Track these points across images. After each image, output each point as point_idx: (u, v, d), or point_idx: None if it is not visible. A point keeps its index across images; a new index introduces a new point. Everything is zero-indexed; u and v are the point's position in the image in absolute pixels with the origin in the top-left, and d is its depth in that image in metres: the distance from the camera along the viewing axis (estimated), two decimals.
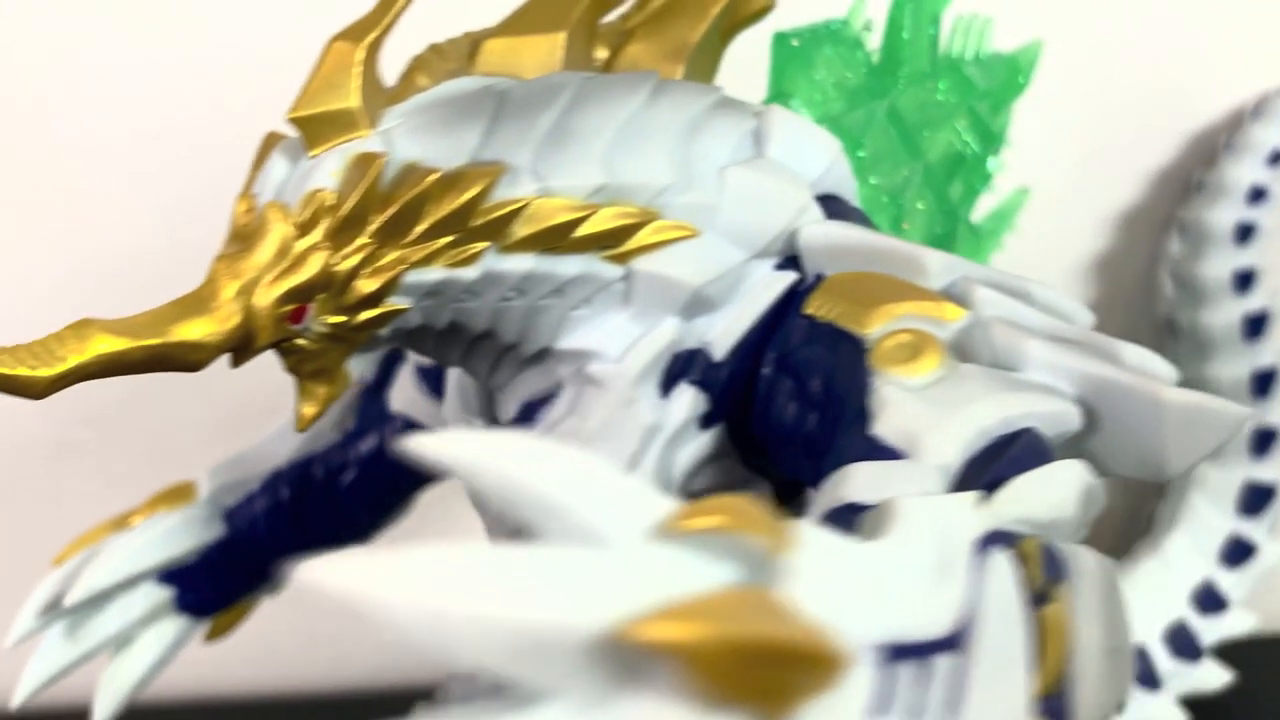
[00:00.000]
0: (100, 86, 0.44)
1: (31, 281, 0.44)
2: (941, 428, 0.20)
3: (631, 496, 0.13)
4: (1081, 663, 0.17)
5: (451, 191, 0.20)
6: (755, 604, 0.12)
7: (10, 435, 0.43)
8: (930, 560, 0.15)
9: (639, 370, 0.23)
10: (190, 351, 0.19)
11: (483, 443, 0.12)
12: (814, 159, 0.25)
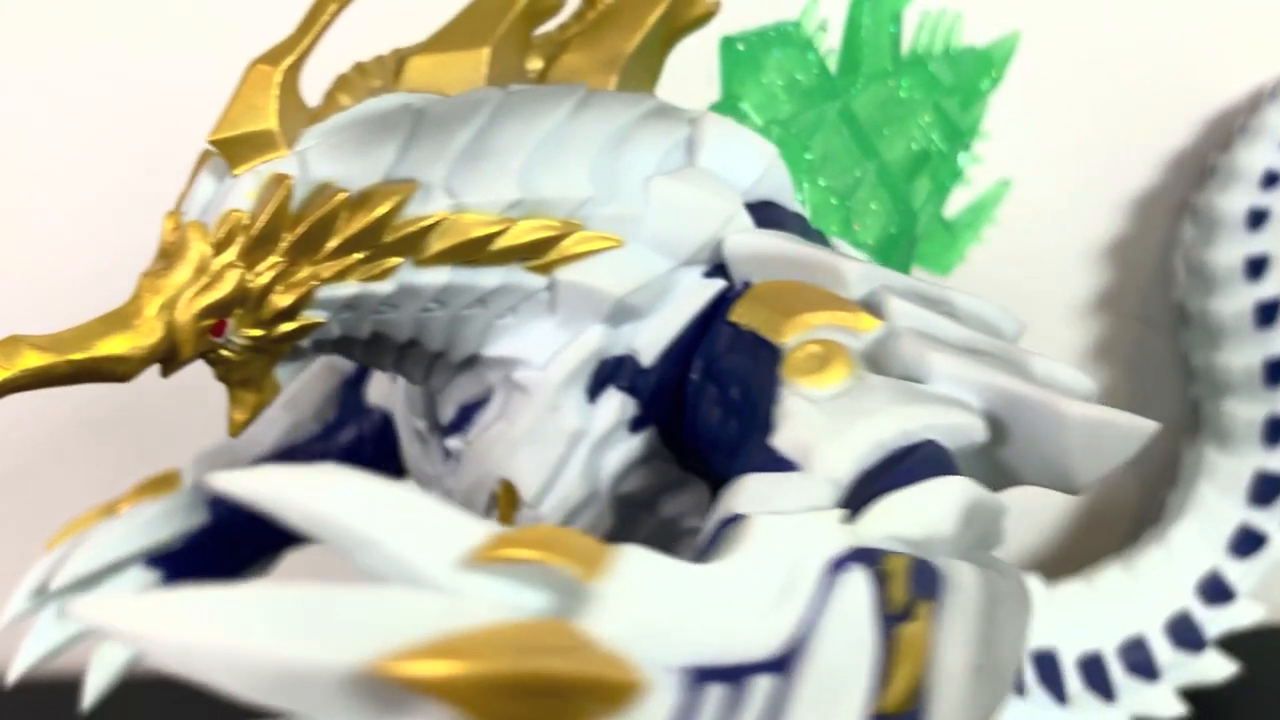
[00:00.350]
0: (44, 105, 0.45)
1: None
2: (837, 440, 0.20)
3: (442, 527, 0.13)
4: (942, 681, 0.17)
5: (361, 210, 0.21)
6: (538, 636, 0.13)
7: (7, 440, 0.45)
8: (770, 580, 0.16)
9: (563, 377, 0.24)
10: (116, 364, 0.20)
11: (289, 478, 0.13)
12: (747, 166, 0.25)
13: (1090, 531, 0.56)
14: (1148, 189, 0.52)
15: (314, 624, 0.11)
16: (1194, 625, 0.47)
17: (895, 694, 0.16)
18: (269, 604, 0.11)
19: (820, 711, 0.15)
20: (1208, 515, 0.49)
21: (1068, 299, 0.53)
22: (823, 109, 0.28)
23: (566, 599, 0.14)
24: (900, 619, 0.17)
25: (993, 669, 0.18)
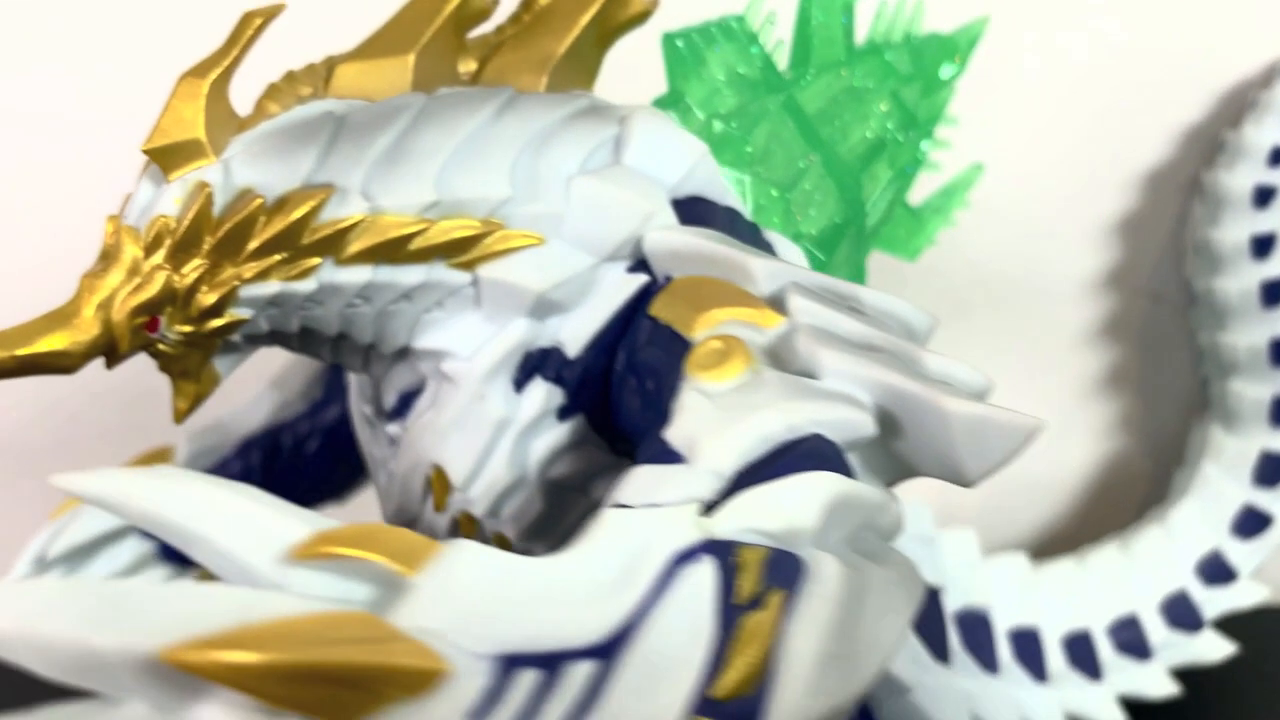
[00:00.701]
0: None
1: None
2: (722, 434, 0.21)
3: (267, 525, 0.15)
4: (786, 668, 0.18)
5: (279, 214, 0.22)
6: (341, 628, 0.14)
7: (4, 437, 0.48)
8: (607, 572, 0.17)
9: (488, 368, 0.25)
10: (57, 359, 0.22)
11: (127, 481, 0.14)
12: (674, 163, 0.26)
13: (1101, 510, 0.56)
14: (1159, 165, 0.51)
15: (118, 614, 0.13)
16: (1191, 605, 0.47)
17: (731, 680, 0.17)
18: (77, 595, 0.13)
19: (639, 696, 0.16)
20: (1211, 495, 0.49)
21: (1078, 276, 0.53)
22: (765, 102, 0.29)
23: (386, 592, 0.15)
24: (748, 608, 0.18)
25: (848, 657, 0.19)
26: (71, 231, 0.29)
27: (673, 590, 0.17)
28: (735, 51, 0.29)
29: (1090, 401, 0.55)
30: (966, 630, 0.38)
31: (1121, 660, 0.45)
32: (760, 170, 0.29)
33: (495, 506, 0.26)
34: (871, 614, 0.20)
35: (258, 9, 0.23)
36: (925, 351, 0.23)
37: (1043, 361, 0.54)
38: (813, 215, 0.30)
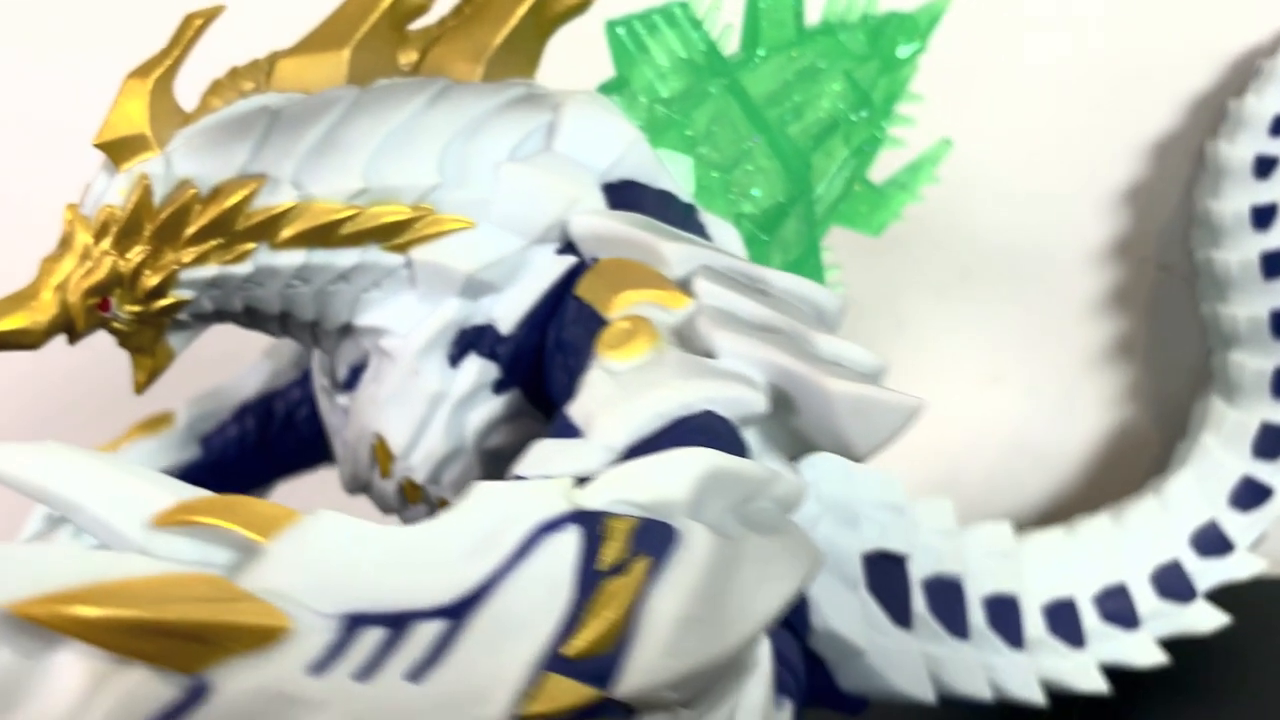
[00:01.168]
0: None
1: None
2: (617, 410, 0.22)
3: (136, 495, 0.17)
4: (644, 628, 0.19)
5: (214, 202, 0.24)
6: (190, 588, 0.16)
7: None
8: (465, 540, 0.18)
9: (422, 344, 0.27)
10: (20, 337, 0.24)
11: (12, 455, 0.16)
12: (606, 149, 0.27)
13: (1109, 480, 0.56)
14: (1168, 133, 0.50)
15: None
16: (1184, 576, 0.47)
17: (585, 639, 0.18)
18: None
19: (487, 653, 0.18)
20: (1209, 467, 0.49)
21: (1084, 245, 0.53)
22: (708, 85, 0.30)
23: (243, 557, 0.17)
24: (610, 574, 0.19)
25: (713, 622, 0.20)
26: None
27: (533, 557, 0.19)
28: (678, 37, 0.30)
29: (1098, 371, 0.55)
30: (935, 596, 0.39)
31: (1107, 628, 0.45)
32: (703, 152, 0.30)
33: (435, 474, 0.28)
34: (745, 582, 0.21)
35: (199, 10, 0.25)
36: (819, 333, 0.24)
37: (1050, 331, 0.54)
38: (756, 196, 0.31)
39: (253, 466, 0.38)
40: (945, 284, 0.54)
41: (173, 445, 0.38)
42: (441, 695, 0.17)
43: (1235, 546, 0.48)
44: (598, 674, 0.19)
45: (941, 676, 0.38)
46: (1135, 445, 0.56)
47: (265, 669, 0.16)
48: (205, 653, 0.15)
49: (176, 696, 0.15)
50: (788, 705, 0.32)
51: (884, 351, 0.56)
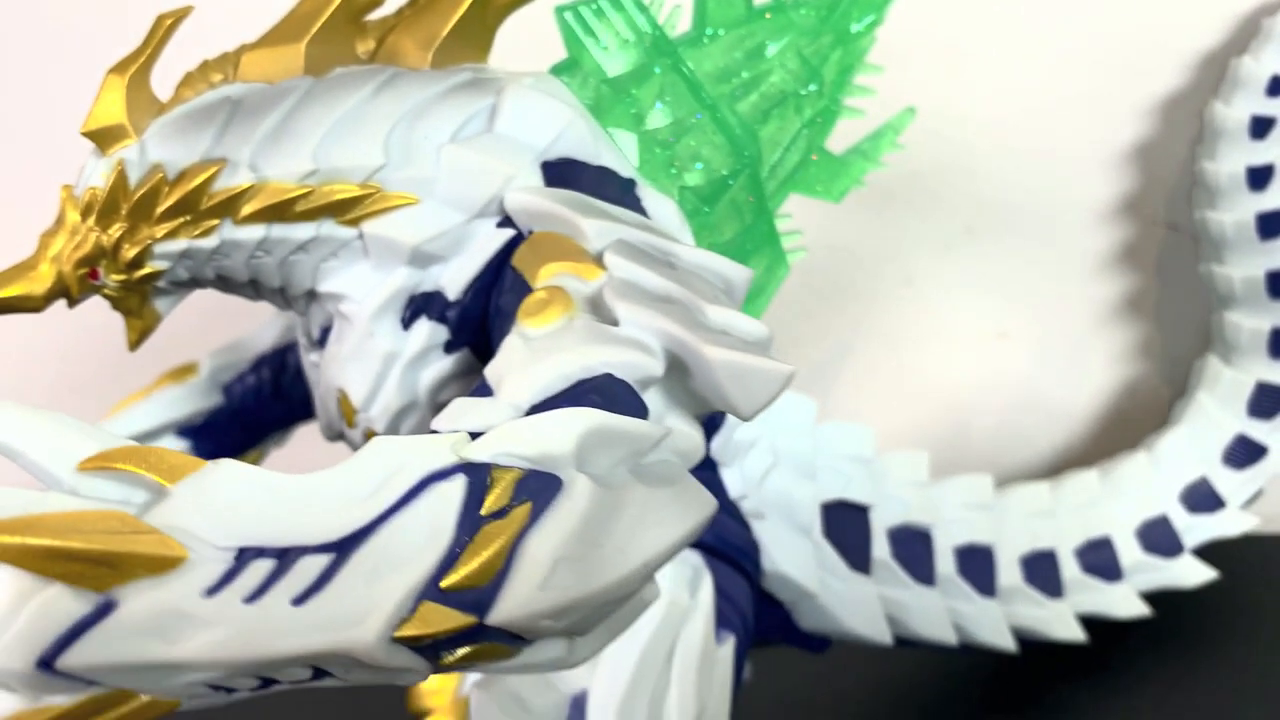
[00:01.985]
0: None
1: None
2: (524, 371, 0.25)
3: (67, 443, 0.20)
4: (520, 566, 0.22)
5: (180, 184, 0.27)
6: (101, 522, 0.19)
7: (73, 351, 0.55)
8: (356, 486, 0.21)
9: (375, 309, 0.30)
10: (24, 302, 0.28)
11: None
12: (543, 129, 0.30)
13: (1117, 434, 0.57)
14: (1175, 93, 0.50)
15: None
16: (1172, 531, 0.48)
17: (462, 574, 0.21)
18: None
19: (366, 583, 0.20)
20: (1203, 425, 0.49)
21: (1091, 204, 0.53)
22: (651, 65, 0.32)
23: (154, 497, 0.20)
24: (491, 518, 0.22)
25: (589, 561, 0.23)
26: None
27: (419, 501, 0.22)
28: (625, 20, 0.32)
29: (1106, 328, 0.56)
30: (901, 544, 0.41)
31: (1088, 580, 0.46)
32: (647, 129, 0.32)
33: (393, 425, 0.31)
34: (624, 527, 0.23)
35: (169, 11, 0.28)
36: (713, 305, 0.26)
37: (1057, 289, 0.55)
38: (699, 169, 0.33)
39: (270, 412, 0.42)
40: (952, 242, 0.55)
41: (197, 392, 0.42)
42: (322, 617, 0.20)
43: (1227, 504, 0.49)
44: (475, 604, 0.21)
45: (904, 620, 0.41)
46: (1143, 402, 0.56)
47: (163, 590, 0.19)
48: (112, 575, 0.19)
49: (87, 610, 0.18)
50: (730, 639, 0.35)
51: (893, 308, 0.58)
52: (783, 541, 0.37)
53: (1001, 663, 0.44)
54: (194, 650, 0.19)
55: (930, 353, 0.57)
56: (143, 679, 0.19)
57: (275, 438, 0.44)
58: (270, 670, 0.20)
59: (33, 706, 0.19)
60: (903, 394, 0.58)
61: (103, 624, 0.19)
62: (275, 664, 0.20)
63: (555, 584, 0.22)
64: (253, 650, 0.19)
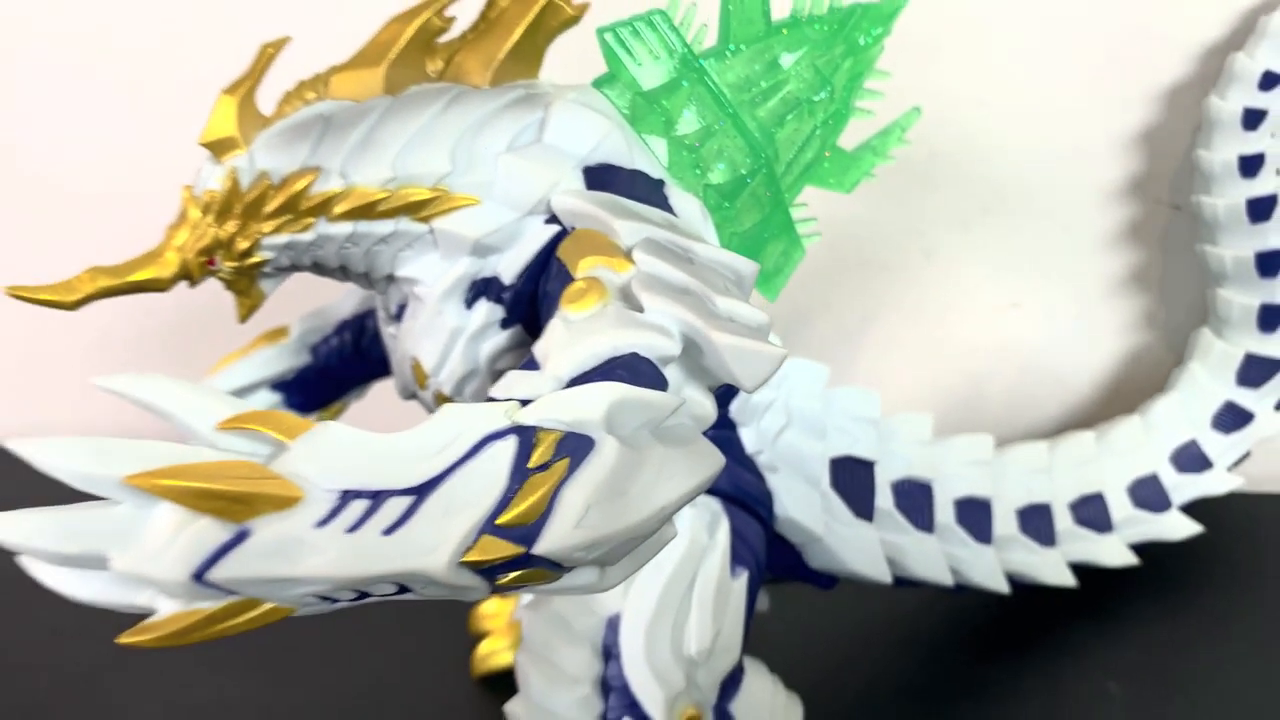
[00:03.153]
0: None
1: None
2: (566, 350, 0.30)
3: (208, 408, 0.25)
4: (560, 506, 0.27)
5: (284, 189, 0.33)
6: (235, 469, 0.24)
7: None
8: (431, 444, 0.27)
9: (443, 291, 0.35)
10: (152, 284, 0.33)
11: (134, 383, 0.25)
12: (583, 139, 0.35)
13: (1121, 400, 0.61)
14: (1178, 83, 0.54)
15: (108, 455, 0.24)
16: (1161, 489, 0.53)
17: (517, 511, 0.26)
18: (101, 444, 0.24)
19: (439, 519, 0.26)
20: (1195, 392, 0.54)
21: (1100, 185, 0.57)
22: (680, 78, 0.37)
23: (274, 451, 0.26)
24: (537, 470, 0.27)
25: (615, 506, 0.28)
26: None
27: (479, 456, 0.27)
28: (658, 39, 0.37)
29: (1113, 300, 0.60)
30: (902, 496, 0.46)
31: (1080, 531, 0.51)
32: (676, 134, 0.37)
33: (458, 388, 0.36)
34: (645, 479, 0.28)
35: (271, 41, 0.33)
36: (721, 296, 0.31)
37: (1067, 263, 0.59)
38: (720, 169, 0.38)
39: (351, 370, 0.48)
40: (970, 220, 0.59)
41: (288, 353, 0.48)
42: (405, 546, 0.26)
43: (1214, 465, 0.53)
44: (523, 537, 0.27)
45: (903, 562, 0.46)
46: (1146, 370, 0.60)
47: (285, 523, 0.25)
48: (246, 510, 0.24)
49: (228, 537, 0.24)
50: (744, 574, 0.40)
51: (915, 280, 0.63)
52: (793, 491, 0.42)
53: (995, 602, 0.49)
54: (308, 569, 0.25)
55: (949, 321, 0.62)
56: (268, 590, 0.25)
57: (355, 392, 0.50)
58: (365, 585, 0.26)
59: (186, 609, 0.25)
60: (923, 358, 0.63)
61: (240, 547, 0.24)
62: (369, 581, 0.25)
63: (587, 523, 0.27)
64: (352, 570, 0.25)
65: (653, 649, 0.37)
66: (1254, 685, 0.48)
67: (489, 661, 0.53)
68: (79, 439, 0.24)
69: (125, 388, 0.26)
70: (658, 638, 0.38)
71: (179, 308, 0.53)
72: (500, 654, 0.53)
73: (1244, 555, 0.54)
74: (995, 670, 0.50)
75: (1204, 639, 0.51)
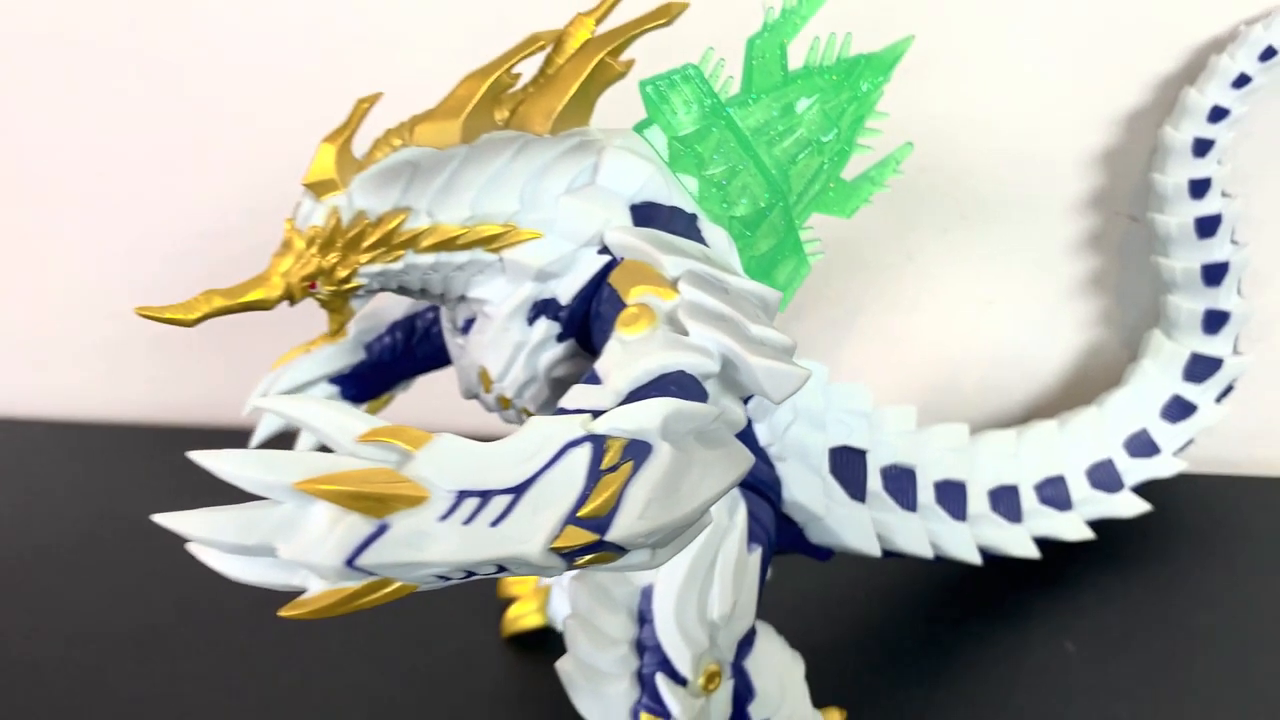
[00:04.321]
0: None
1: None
2: (624, 368, 0.36)
3: (348, 424, 0.31)
4: (626, 501, 0.33)
5: (380, 226, 0.38)
6: (376, 475, 0.30)
7: None
8: (522, 451, 0.33)
9: (509, 311, 0.41)
10: (261, 304, 0.39)
11: (289, 404, 0.31)
12: (630, 181, 0.40)
13: (1080, 390, 0.68)
14: (1135, 108, 0.60)
15: (277, 465, 0.29)
16: (1115, 472, 0.59)
17: (593, 506, 0.32)
18: (272, 456, 0.29)
19: (533, 513, 0.32)
20: (1146, 386, 0.60)
21: (1063, 197, 0.63)
22: (710, 124, 0.43)
23: (403, 459, 0.31)
24: (608, 471, 0.33)
25: (670, 500, 0.34)
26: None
27: (562, 460, 0.33)
28: (691, 90, 0.42)
29: (1075, 300, 0.66)
30: (890, 480, 0.52)
31: (1043, 509, 0.58)
32: (706, 173, 0.43)
33: (519, 393, 0.42)
34: (693, 477, 0.34)
35: (365, 96, 0.38)
36: (754, 323, 0.37)
37: (1037, 265, 0.66)
38: (744, 203, 0.43)
39: (401, 366, 0.54)
40: (949, 225, 0.65)
41: (346, 350, 0.53)
42: (508, 535, 0.31)
43: (1162, 451, 0.60)
44: (598, 527, 0.32)
45: (890, 538, 0.52)
46: (1104, 362, 0.67)
47: (415, 518, 0.30)
48: (385, 508, 0.30)
49: (372, 530, 0.30)
50: (758, 550, 0.47)
51: (897, 278, 0.69)
52: (799, 478, 0.49)
53: (969, 572, 0.56)
54: (433, 554, 0.31)
55: (927, 315, 0.68)
56: (401, 572, 0.31)
57: (403, 385, 0.55)
58: (474, 567, 0.32)
59: (333, 588, 0.31)
60: (903, 349, 0.69)
61: (381, 538, 0.30)
62: (478, 563, 0.31)
63: (648, 515, 0.33)
64: (467, 555, 0.31)
65: (682, 614, 0.44)
66: (1193, 641, 0.55)
67: (518, 623, 0.59)
68: (249, 453, 0.30)
69: (281, 407, 0.31)
70: (686, 604, 0.44)
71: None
72: (528, 616, 0.59)
73: (1187, 531, 0.61)
74: (968, 631, 0.57)
75: (1151, 604, 0.58)
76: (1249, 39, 0.53)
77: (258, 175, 0.68)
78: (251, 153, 0.70)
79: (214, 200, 0.73)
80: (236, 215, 0.71)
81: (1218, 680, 0.52)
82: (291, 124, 0.53)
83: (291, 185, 0.40)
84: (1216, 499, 0.63)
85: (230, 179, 0.72)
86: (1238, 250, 0.57)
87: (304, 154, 0.39)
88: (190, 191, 0.73)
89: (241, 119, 0.69)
